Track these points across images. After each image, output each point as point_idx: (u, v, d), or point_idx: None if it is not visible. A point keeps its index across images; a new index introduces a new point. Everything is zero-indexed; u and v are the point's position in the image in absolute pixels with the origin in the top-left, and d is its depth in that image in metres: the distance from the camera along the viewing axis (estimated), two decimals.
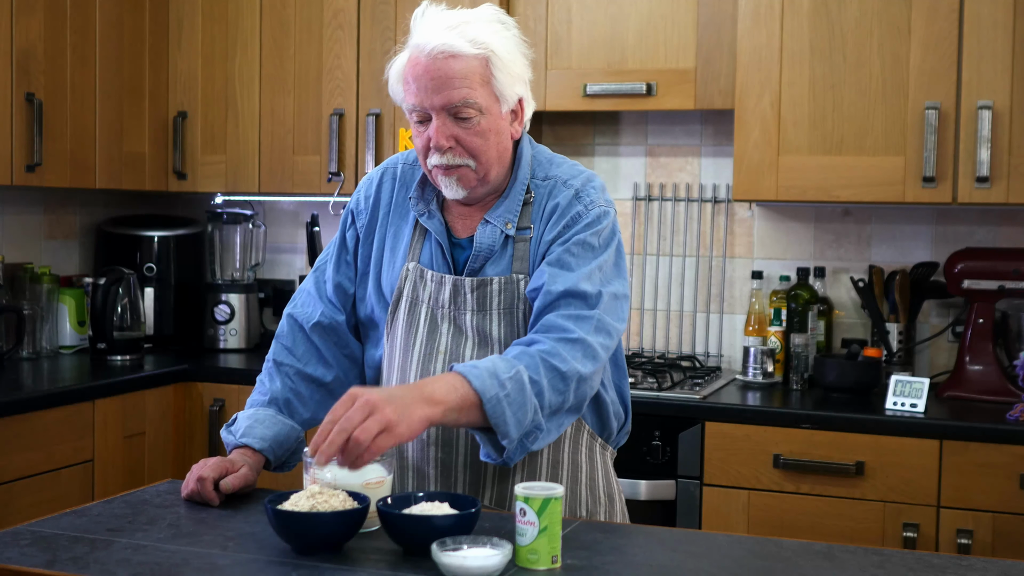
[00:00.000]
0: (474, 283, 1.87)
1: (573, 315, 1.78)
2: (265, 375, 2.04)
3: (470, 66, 1.81)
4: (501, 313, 1.87)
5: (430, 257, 1.92)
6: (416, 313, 1.91)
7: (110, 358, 3.41)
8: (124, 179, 3.56)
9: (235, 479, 1.85)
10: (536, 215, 1.90)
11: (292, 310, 2.05)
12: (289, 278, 4.00)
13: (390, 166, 2.03)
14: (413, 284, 1.91)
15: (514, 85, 1.86)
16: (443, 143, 1.82)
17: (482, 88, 1.82)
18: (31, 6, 3.17)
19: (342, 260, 2.03)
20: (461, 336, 1.88)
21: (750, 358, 3.23)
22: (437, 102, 1.81)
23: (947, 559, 1.66)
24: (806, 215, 3.44)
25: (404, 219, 1.97)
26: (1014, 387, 2.96)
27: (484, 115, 1.83)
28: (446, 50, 1.80)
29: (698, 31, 3.20)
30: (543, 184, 1.92)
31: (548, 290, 1.79)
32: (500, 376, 1.68)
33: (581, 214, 1.86)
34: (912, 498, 2.73)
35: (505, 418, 1.68)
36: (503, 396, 1.67)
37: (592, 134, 3.67)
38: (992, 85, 2.89)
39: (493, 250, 1.88)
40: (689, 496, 2.91)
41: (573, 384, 1.75)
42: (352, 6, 3.51)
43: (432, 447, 1.88)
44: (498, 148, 1.87)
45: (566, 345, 1.75)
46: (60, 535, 1.68)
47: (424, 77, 1.81)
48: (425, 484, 1.90)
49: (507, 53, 1.85)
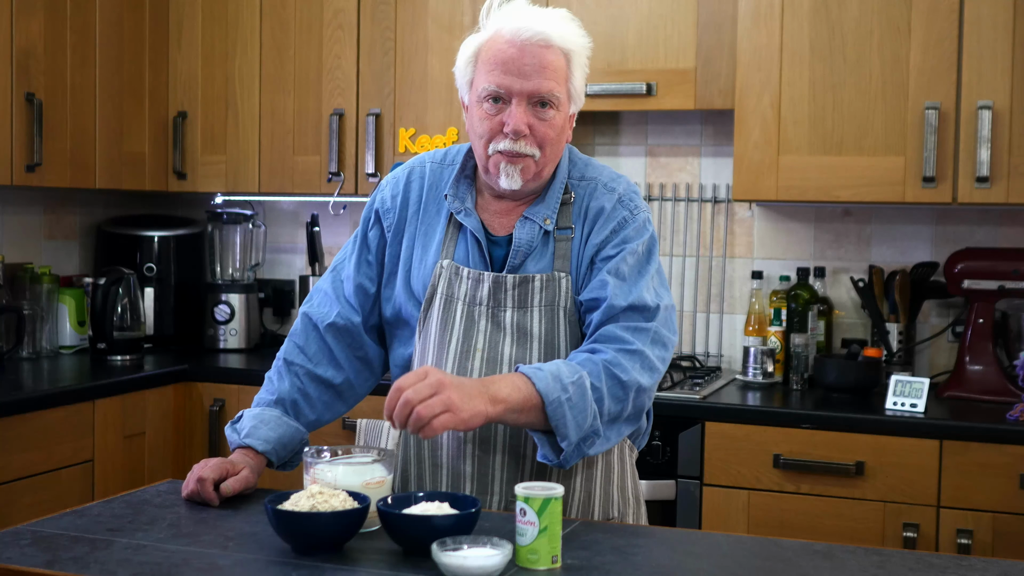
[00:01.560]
0: (516, 279, 1.88)
1: (632, 327, 1.83)
2: (274, 373, 2.03)
3: (559, 60, 1.85)
4: (543, 310, 1.88)
5: (466, 254, 1.92)
6: (451, 310, 1.90)
7: (110, 358, 3.41)
8: (124, 179, 3.56)
9: (235, 482, 1.85)
10: (577, 215, 1.92)
11: (308, 309, 2.04)
12: (289, 278, 4.01)
13: (417, 165, 2.03)
14: (448, 281, 1.91)
15: (583, 89, 1.92)
16: (522, 128, 1.83)
17: (563, 84, 1.87)
18: (31, 6, 3.18)
19: (363, 260, 2.01)
20: (499, 332, 1.88)
21: (750, 358, 3.23)
22: (527, 88, 1.83)
23: (947, 559, 1.66)
24: (806, 215, 3.44)
25: (435, 217, 1.96)
26: (1014, 387, 2.96)
27: (559, 111, 1.87)
28: (542, 39, 1.84)
29: (698, 31, 3.20)
30: (581, 184, 1.95)
31: (611, 304, 1.83)
32: (563, 380, 1.73)
33: (627, 219, 1.90)
34: (912, 498, 2.73)
35: (566, 421, 1.73)
36: (565, 399, 1.73)
37: (592, 134, 3.66)
38: (992, 85, 2.89)
39: (533, 246, 1.89)
40: (689, 496, 2.91)
41: (632, 394, 1.81)
42: (352, 6, 3.51)
43: (469, 444, 1.87)
44: (559, 146, 1.91)
45: (627, 356, 1.80)
46: (60, 535, 1.68)
47: (517, 61, 1.83)
48: (461, 482, 1.89)
49: (584, 56, 1.90)
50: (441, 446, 1.90)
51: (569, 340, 1.89)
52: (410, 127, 3.45)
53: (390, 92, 3.48)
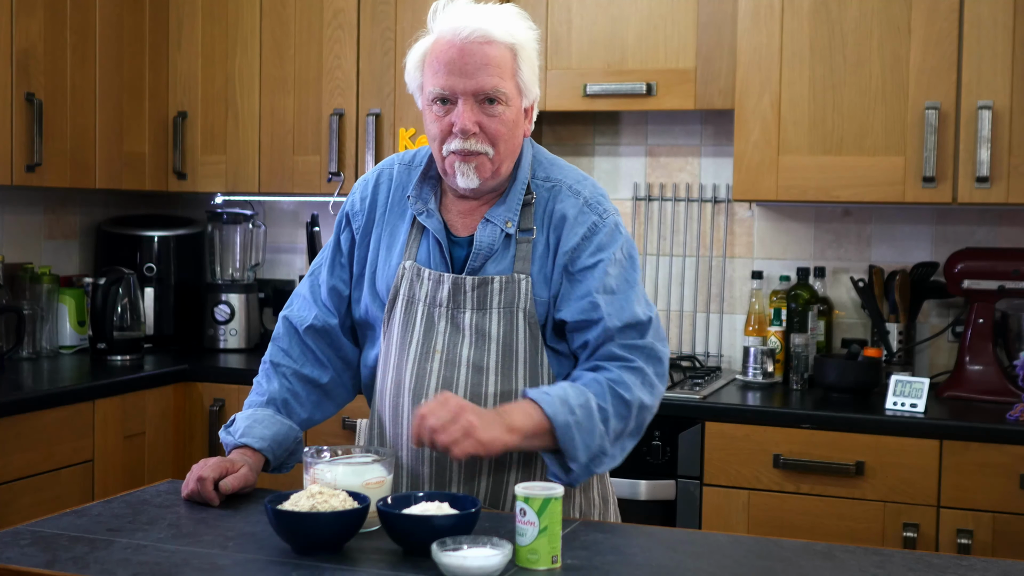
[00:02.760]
0: (475, 281, 1.88)
1: (629, 344, 1.86)
2: (262, 376, 2.04)
3: (502, 54, 1.84)
4: (501, 312, 1.88)
5: (427, 255, 1.92)
6: (412, 312, 1.91)
7: (110, 358, 3.41)
8: (124, 179, 3.56)
9: (234, 480, 1.85)
10: (540, 217, 1.91)
11: (287, 313, 2.07)
12: (289, 278, 4.00)
13: (386, 167, 2.03)
14: (409, 282, 1.92)
15: (534, 81, 1.90)
16: (469, 127, 1.83)
17: (510, 79, 1.85)
18: (31, 6, 3.17)
19: (336, 263, 2.03)
20: (458, 334, 1.89)
21: (750, 358, 3.23)
22: (470, 86, 1.83)
23: (947, 559, 1.66)
24: (806, 215, 3.44)
25: (400, 219, 1.97)
26: (1014, 387, 2.96)
27: (508, 106, 1.86)
28: (482, 36, 1.83)
29: (698, 31, 3.20)
30: (544, 184, 1.93)
31: (607, 326, 1.85)
32: (571, 403, 1.77)
33: (597, 224, 1.90)
34: (912, 498, 2.73)
35: (575, 443, 1.77)
36: (573, 422, 1.77)
37: (592, 134, 3.67)
38: (992, 85, 2.89)
39: (493, 249, 1.89)
40: (689, 496, 2.91)
41: (635, 411, 1.85)
42: (352, 6, 3.51)
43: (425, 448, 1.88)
44: (514, 141, 1.89)
45: (629, 373, 1.84)
46: (60, 535, 1.68)
47: (457, 61, 1.82)
48: (419, 482, 1.91)
49: (531, 49, 1.89)
50: (402, 446, 1.92)
51: (528, 341, 1.88)
52: (410, 127, 3.45)
53: (390, 92, 3.48)
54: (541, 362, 1.89)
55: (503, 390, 1.87)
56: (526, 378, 1.88)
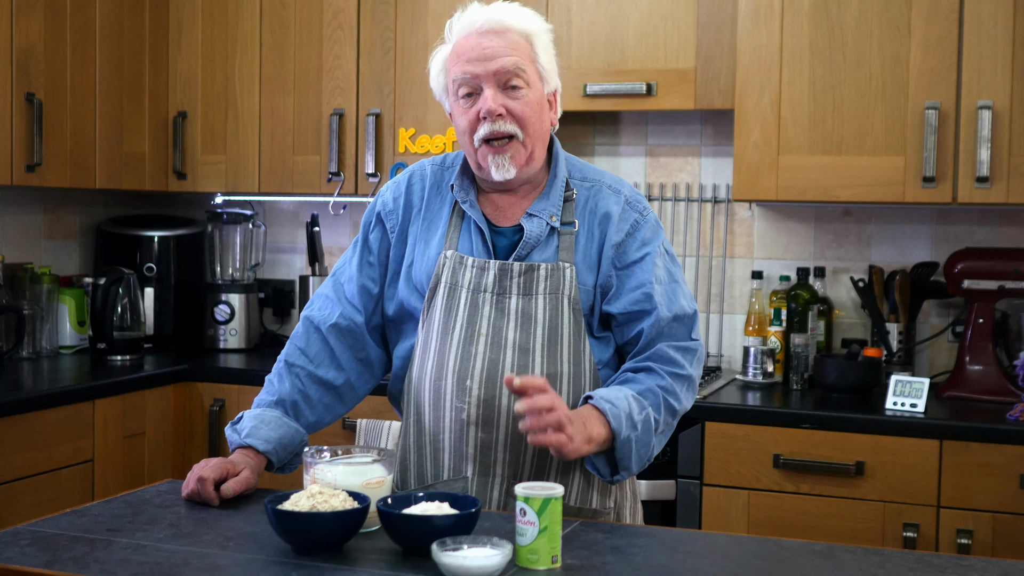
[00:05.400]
0: (522, 267, 1.92)
1: (682, 347, 1.95)
2: (275, 375, 2.04)
3: (518, 40, 1.92)
4: (547, 297, 1.92)
5: (469, 245, 1.96)
6: (455, 298, 1.93)
7: (110, 358, 3.42)
8: (124, 179, 3.56)
9: (236, 483, 1.85)
10: (581, 212, 1.97)
11: (309, 312, 2.07)
12: (289, 278, 4.01)
13: (417, 169, 2.07)
14: (452, 270, 1.94)
15: (554, 70, 1.98)
16: (495, 107, 1.88)
17: (529, 62, 1.92)
18: (31, 6, 3.18)
19: (364, 262, 2.04)
20: (503, 318, 1.92)
21: (750, 358, 3.23)
22: (491, 68, 1.89)
23: (947, 559, 1.66)
24: (806, 215, 3.44)
25: (438, 214, 2.00)
26: (1014, 387, 2.96)
27: (531, 88, 1.92)
28: (497, 23, 1.91)
29: (698, 31, 3.20)
30: (583, 184, 2.00)
31: (660, 316, 1.92)
32: (634, 418, 1.84)
33: (639, 221, 1.98)
34: (912, 498, 2.73)
35: (631, 455, 1.86)
36: (634, 438, 1.85)
37: (592, 134, 3.67)
38: (992, 85, 2.89)
39: (540, 239, 1.94)
40: (689, 496, 2.91)
41: (678, 418, 1.97)
42: (352, 6, 3.51)
43: (472, 427, 1.90)
44: (542, 125, 1.95)
45: (679, 381, 1.94)
46: (60, 535, 1.68)
47: (477, 48, 1.90)
48: (463, 464, 1.91)
49: (546, 39, 1.97)
50: (444, 428, 1.92)
51: (572, 327, 1.92)
52: (410, 127, 3.45)
53: (390, 92, 3.48)
54: (584, 347, 1.93)
55: (549, 372, 1.90)
56: (570, 361, 1.92)
